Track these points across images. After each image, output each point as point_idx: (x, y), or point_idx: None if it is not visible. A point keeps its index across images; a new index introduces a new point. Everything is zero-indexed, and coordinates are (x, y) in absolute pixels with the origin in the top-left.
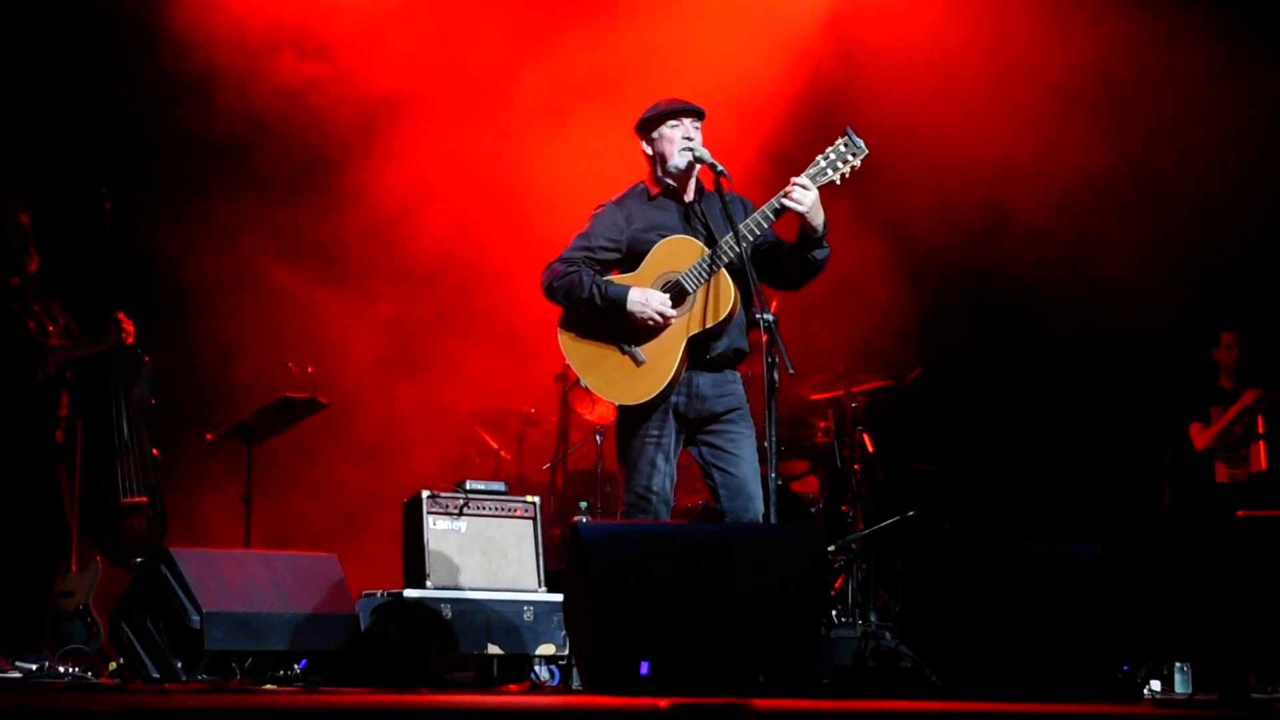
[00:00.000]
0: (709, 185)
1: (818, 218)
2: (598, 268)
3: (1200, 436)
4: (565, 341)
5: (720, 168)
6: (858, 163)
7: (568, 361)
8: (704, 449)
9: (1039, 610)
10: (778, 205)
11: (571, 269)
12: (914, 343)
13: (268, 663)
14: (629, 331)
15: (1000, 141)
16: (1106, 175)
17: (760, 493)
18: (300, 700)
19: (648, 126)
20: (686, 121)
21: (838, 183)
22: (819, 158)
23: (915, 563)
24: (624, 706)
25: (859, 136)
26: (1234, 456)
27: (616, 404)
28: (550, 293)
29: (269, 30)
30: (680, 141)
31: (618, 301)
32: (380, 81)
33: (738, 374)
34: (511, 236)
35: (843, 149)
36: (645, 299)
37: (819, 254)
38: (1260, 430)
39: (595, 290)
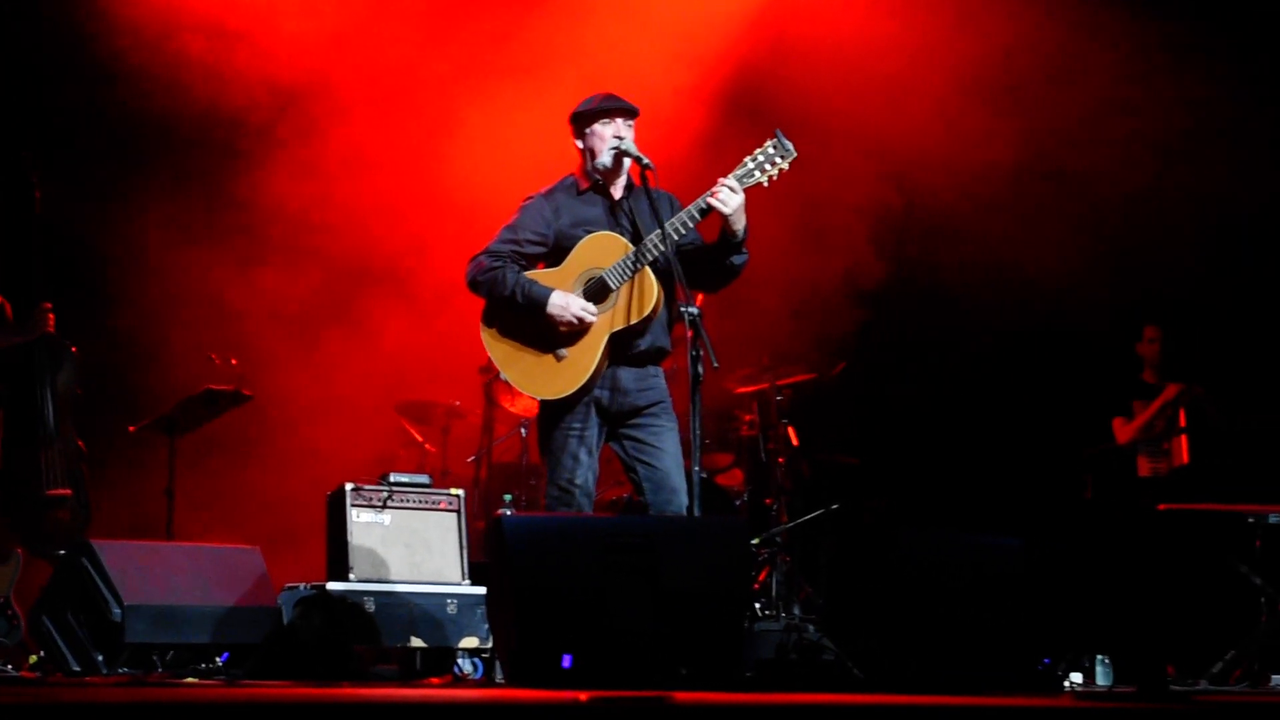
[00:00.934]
0: (638, 182)
1: (739, 221)
2: (523, 261)
3: (1123, 430)
4: (487, 336)
5: (646, 161)
6: (786, 165)
7: (490, 355)
8: (627, 443)
9: (961, 603)
10: (704, 205)
11: (496, 264)
12: (839, 336)
13: (189, 656)
14: (550, 330)
15: (918, 135)
16: (1023, 169)
17: (684, 485)
18: (222, 694)
19: (580, 121)
20: (619, 120)
21: (765, 184)
22: (747, 159)
23: (839, 556)
24: (545, 700)
25: (788, 139)
26: (1156, 450)
27: (537, 399)
28: (474, 286)
29: (192, 14)
30: (610, 140)
31: (539, 302)
32: (299, 65)
33: (660, 369)
34: (436, 227)
35: (771, 151)
36: (566, 302)
37: (737, 259)
38: (1182, 424)
39: (518, 289)
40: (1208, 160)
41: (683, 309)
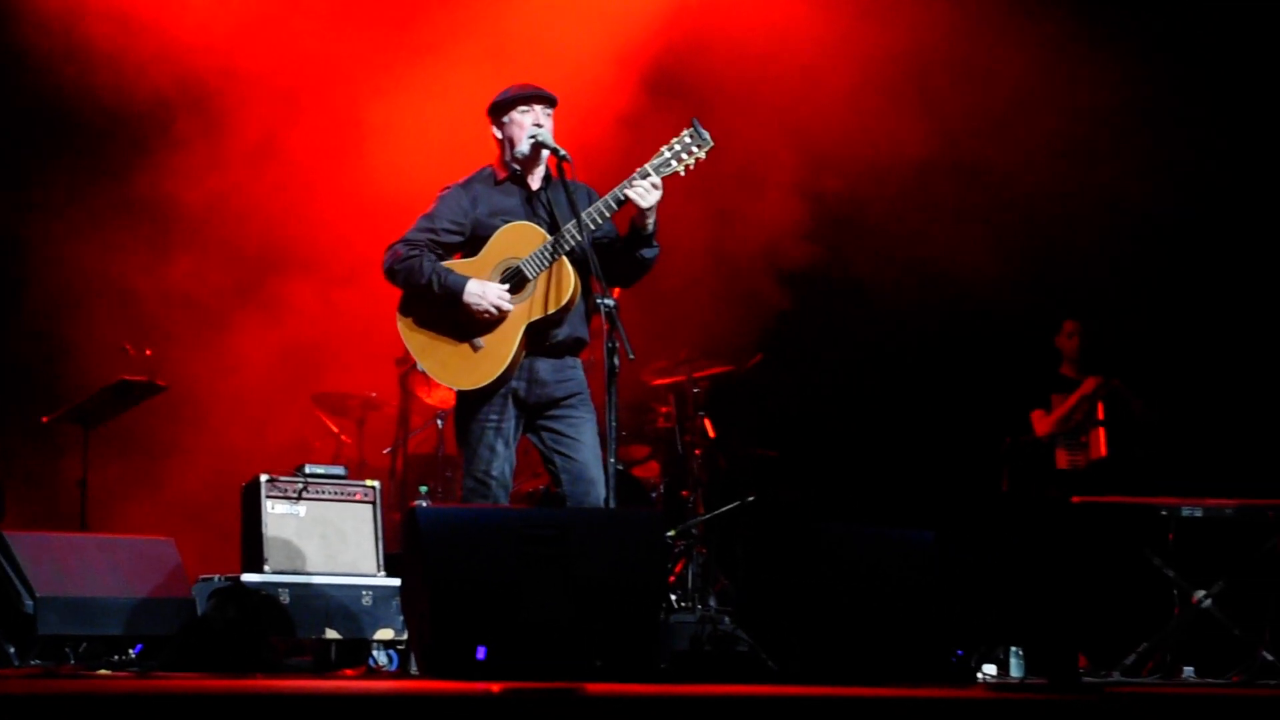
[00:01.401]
0: (555, 174)
1: (653, 215)
2: (440, 250)
3: (1041, 423)
4: (403, 326)
5: (563, 152)
6: (703, 154)
7: (406, 345)
8: (545, 434)
9: (875, 594)
10: (620, 195)
11: (413, 252)
12: (756, 329)
13: (102, 648)
14: (467, 319)
15: (831, 128)
16: (934, 163)
17: (602, 477)
18: (135, 685)
19: (499, 110)
20: (538, 108)
21: (682, 173)
22: (664, 148)
23: (754, 548)
24: (458, 691)
25: (705, 129)
26: (1074, 443)
27: (454, 389)
28: (390, 275)
29: (99, 1)
30: (529, 128)
31: (455, 291)
32: (207, 53)
33: (578, 360)
34: (350, 216)
35: (688, 140)
36: (483, 291)
37: (648, 253)
38: (1100, 417)
39: (435, 277)
40: (1117, 157)
41: (599, 301)
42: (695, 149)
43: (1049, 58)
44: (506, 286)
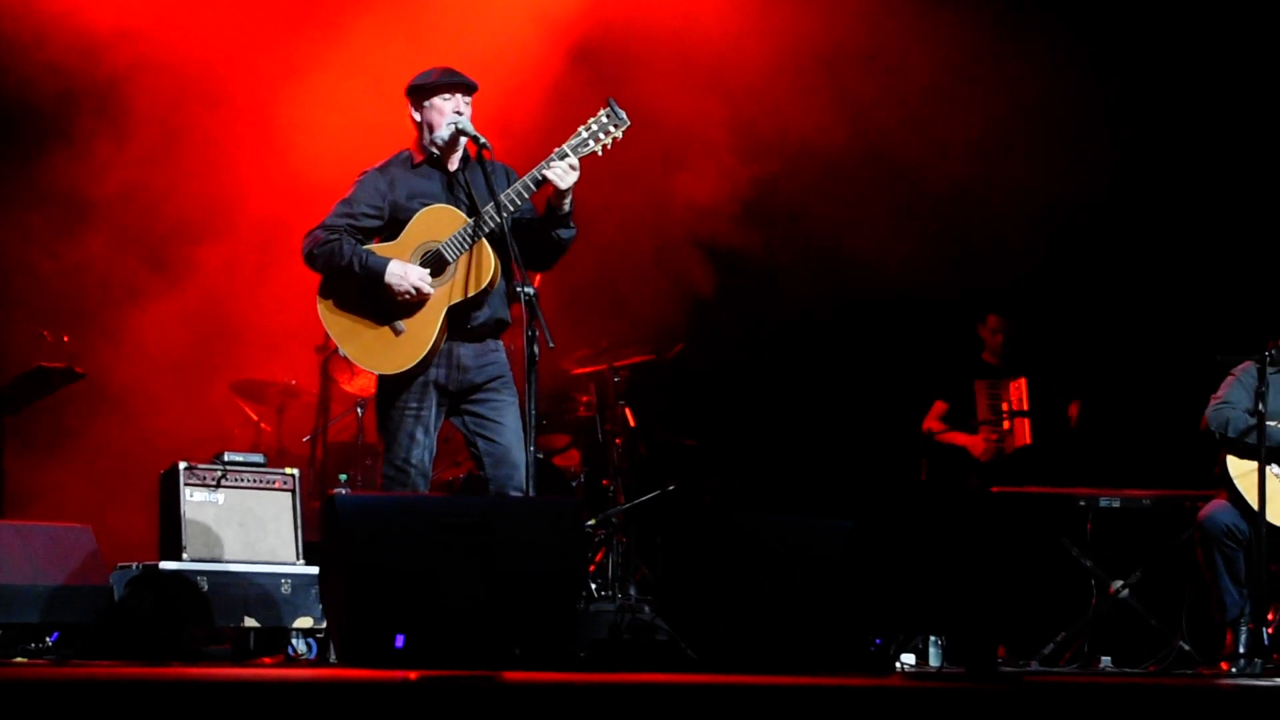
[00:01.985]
0: (475, 157)
1: (569, 195)
2: (359, 235)
3: (931, 421)
4: (324, 310)
5: (483, 140)
6: (619, 134)
7: (326, 330)
8: (467, 419)
9: (794, 583)
10: (539, 176)
11: (333, 236)
12: (677, 318)
13: (18, 635)
14: (388, 302)
15: (748, 118)
16: (852, 153)
17: (523, 461)
18: (51, 673)
19: (419, 94)
20: (458, 95)
21: (599, 153)
22: (580, 129)
23: (674, 536)
24: (374, 679)
25: (621, 108)
26: (998, 431)
27: (376, 373)
28: (310, 259)
29: None
30: (449, 114)
31: (376, 273)
32: (120, 32)
33: (500, 343)
34: (268, 201)
35: (604, 120)
36: (404, 272)
37: (565, 234)
38: (1026, 407)
39: (355, 259)
40: (1032, 149)
41: (519, 289)
42: (612, 128)
43: (964, 48)
44: (427, 271)
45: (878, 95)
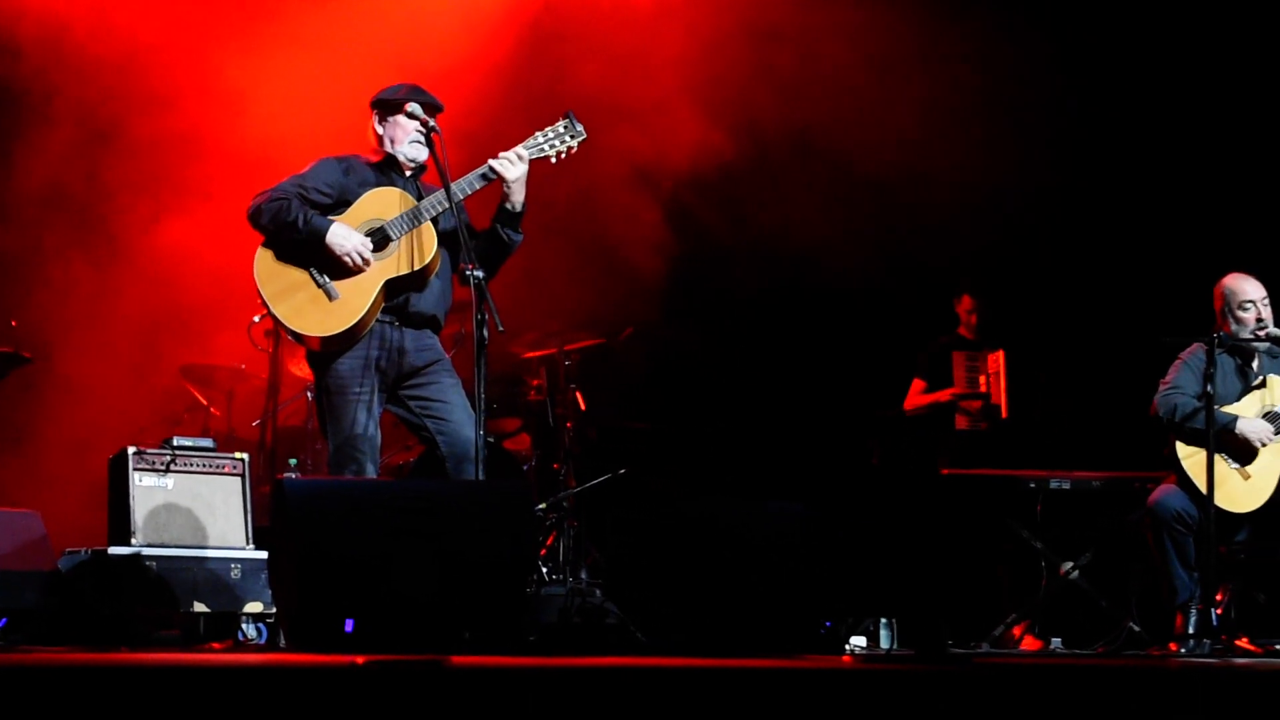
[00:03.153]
0: (424, 144)
1: (519, 193)
2: (308, 205)
3: (913, 398)
4: (260, 270)
5: (431, 123)
6: (574, 144)
7: (259, 290)
8: (412, 404)
9: (744, 567)
10: (487, 170)
11: (282, 197)
12: (628, 302)
13: None
14: (328, 266)
15: (674, 106)
16: (795, 138)
17: (475, 435)
18: None
19: (385, 108)
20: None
21: (552, 160)
22: (537, 134)
23: (625, 520)
24: (322, 663)
25: (579, 122)
26: (974, 406)
27: (305, 334)
28: (256, 214)
29: None
30: (413, 133)
31: (320, 232)
32: (58, 16)
33: (436, 335)
34: (220, 180)
35: (562, 130)
36: (347, 234)
37: (514, 236)
38: (1004, 378)
39: (301, 216)
40: (971, 134)
41: (469, 274)
42: (569, 139)
43: (898, 32)
44: (371, 241)
45: (812, 79)
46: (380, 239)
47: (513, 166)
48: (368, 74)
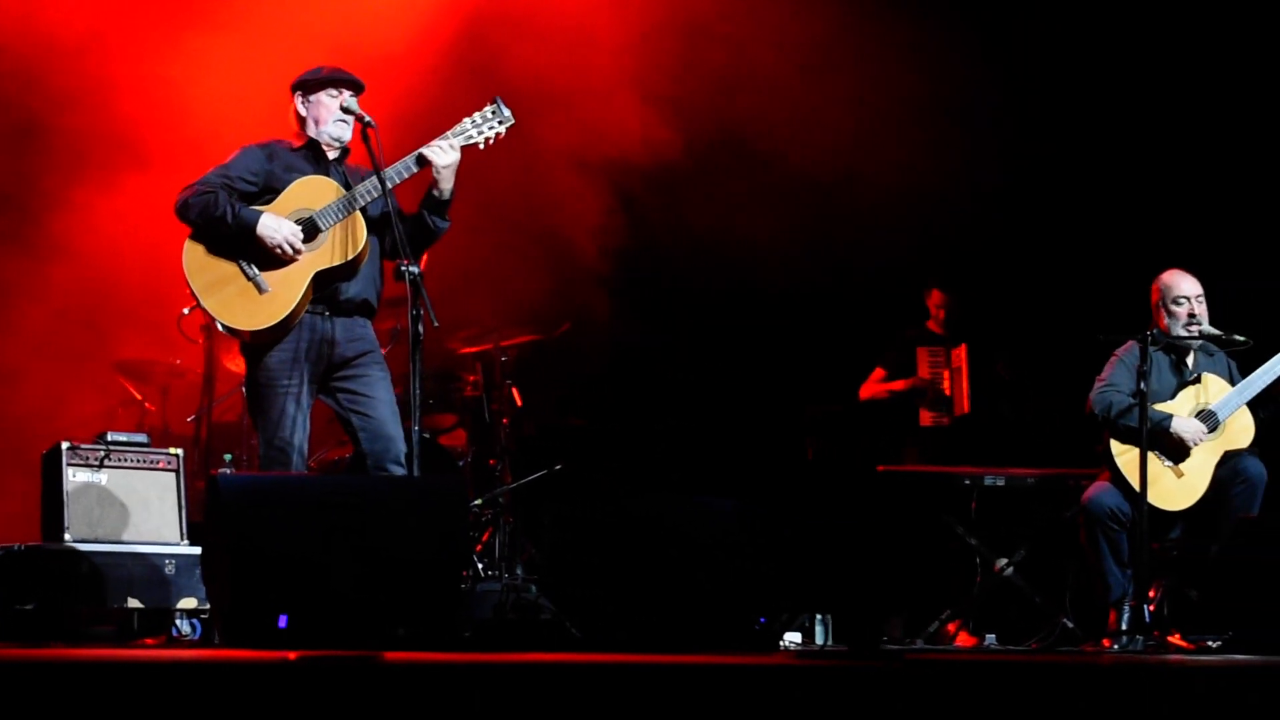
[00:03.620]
0: (358, 140)
1: (448, 181)
2: (235, 196)
3: (869, 386)
4: (189, 263)
5: (367, 118)
6: (503, 130)
7: (188, 283)
8: (340, 396)
9: (678, 562)
10: (419, 155)
11: (209, 190)
12: (563, 298)
13: None
14: (257, 258)
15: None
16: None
17: (400, 433)
18: None
19: (305, 89)
20: (345, 92)
21: (481, 146)
22: (465, 120)
23: (561, 516)
24: (254, 659)
25: (507, 107)
26: (938, 401)
27: (235, 328)
28: (184, 208)
29: None
30: (337, 111)
31: (249, 224)
32: None
33: (369, 322)
34: (148, 171)
35: (490, 115)
36: (278, 225)
37: (440, 223)
38: (966, 373)
39: (229, 209)
40: (902, 133)
41: (403, 268)
42: (497, 124)
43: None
44: (301, 230)
45: (744, 77)
46: (309, 228)
47: (444, 154)
48: (303, 59)
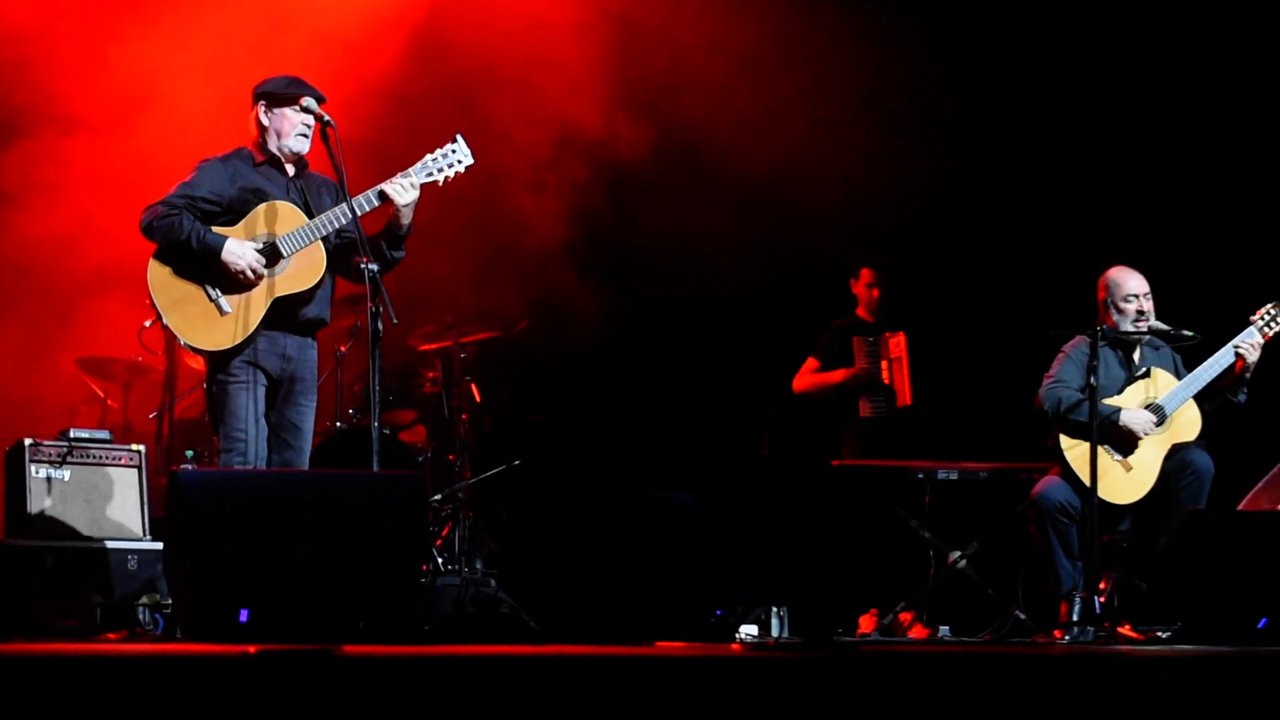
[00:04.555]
0: (320, 139)
1: (408, 217)
2: (198, 216)
3: (803, 378)
4: (154, 281)
5: (327, 118)
6: (462, 169)
7: (153, 301)
8: (271, 413)
9: (636, 556)
10: (381, 191)
11: (173, 211)
12: (521, 295)
13: None
14: (220, 280)
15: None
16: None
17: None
18: None
19: (269, 100)
20: (307, 98)
21: (440, 184)
22: (427, 157)
23: (520, 511)
24: (215, 653)
25: (468, 145)
26: (876, 393)
27: (195, 348)
28: (149, 230)
29: None
30: (300, 126)
31: (214, 249)
32: None
33: (315, 343)
34: (109, 175)
35: (451, 154)
36: (242, 251)
37: (397, 254)
38: (906, 362)
39: (194, 234)
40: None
41: (363, 266)
42: (457, 163)
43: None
44: (263, 257)
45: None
46: (272, 253)
47: (404, 193)
48: (245, 29)
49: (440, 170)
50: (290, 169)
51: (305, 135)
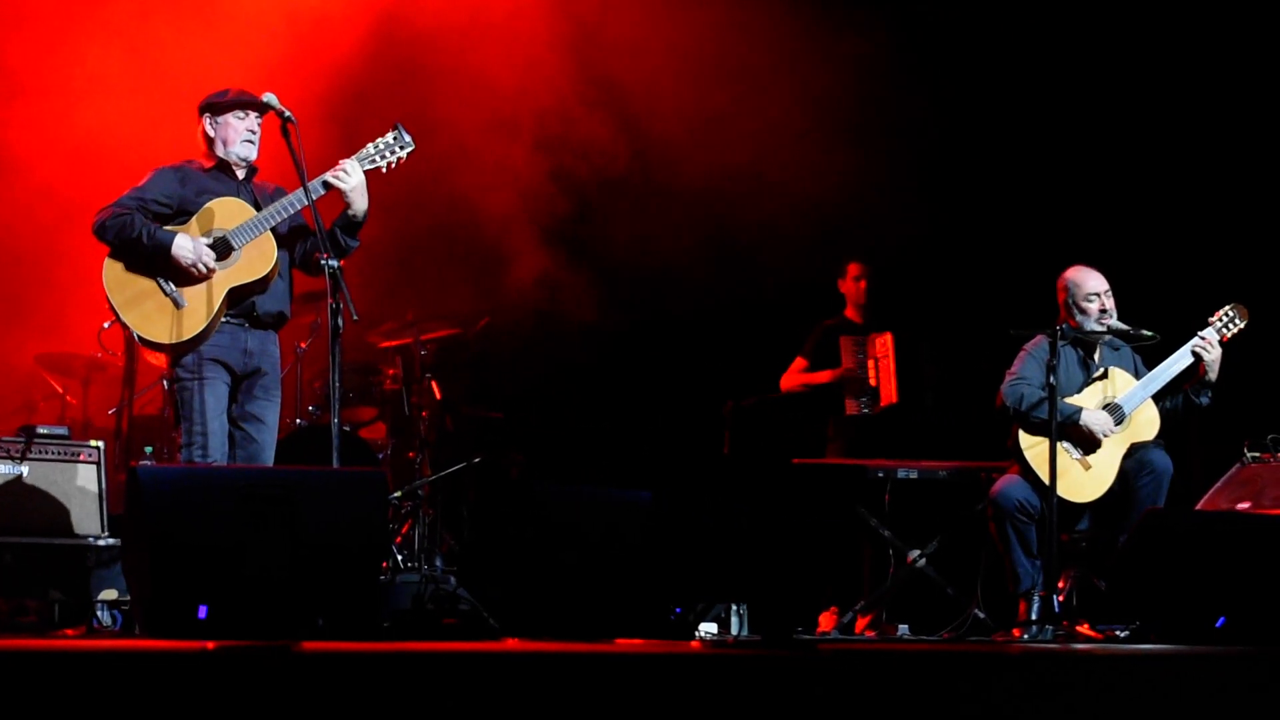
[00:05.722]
0: (280, 135)
1: (360, 203)
2: (150, 217)
3: (790, 377)
4: (109, 279)
5: (287, 113)
6: (404, 155)
7: (109, 299)
8: (232, 406)
9: (595, 553)
10: (327, 179)
11: (124, 211)
12: (482, 293)
13: None
14: (174, 276)
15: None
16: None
17: (271, 461)
18: None
19: (214, 110)
20: (252, 114)
21: (384, 170)
22: (369, 145)
23: (480, 508)
24: (172, 649)
25: (408, 132)
26: (863, 390)
27: (154, 343)
28: (101, 230)
29: None
30: (244, 133)
31: (164, 245)
32: None
33: (277, 339)
34: (69, 173)
35: (391, 141)
36: (192, 245)
37: (351, 242)
38: (893, 361)
39: (145, 232)
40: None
41: (324, 262)
42: (398, 149)
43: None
44: (214, 252)
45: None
46: (223, 247)
47: (349, 177)
48: (206, 64)
49: (383, 157)
50: (240, 173)
51: (251, 141)
